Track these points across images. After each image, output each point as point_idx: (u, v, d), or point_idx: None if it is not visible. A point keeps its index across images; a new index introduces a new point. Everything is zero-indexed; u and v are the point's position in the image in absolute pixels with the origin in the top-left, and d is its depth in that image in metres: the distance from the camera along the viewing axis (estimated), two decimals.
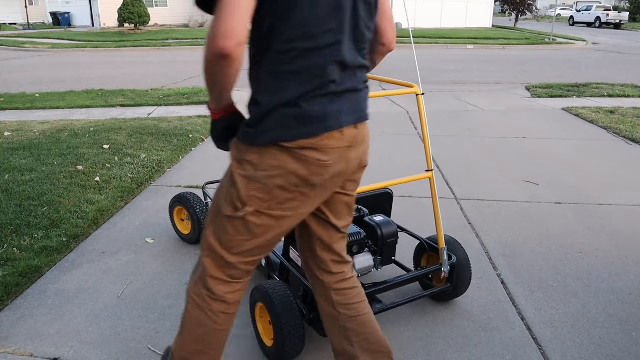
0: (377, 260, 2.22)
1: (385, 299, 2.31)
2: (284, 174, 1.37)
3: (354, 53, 1.44)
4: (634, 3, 39.93)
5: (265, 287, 2.04)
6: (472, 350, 2.18)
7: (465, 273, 2.39)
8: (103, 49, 16.81)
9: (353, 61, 1.43)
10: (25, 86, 9.15)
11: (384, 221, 2.21)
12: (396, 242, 2.22)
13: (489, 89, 8.98)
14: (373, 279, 2.41)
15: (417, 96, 2.27)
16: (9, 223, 3.28)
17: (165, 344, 2.21)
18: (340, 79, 1.40)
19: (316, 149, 1.37)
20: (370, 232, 2.19)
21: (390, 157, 4.86)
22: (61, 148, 4.93)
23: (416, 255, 2.62)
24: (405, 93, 2.30)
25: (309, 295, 2.13)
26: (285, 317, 1.94)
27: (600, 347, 2.20)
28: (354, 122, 1.45)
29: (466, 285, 2.43)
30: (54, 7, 29.99)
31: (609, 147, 5.30)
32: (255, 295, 2.13)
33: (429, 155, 2.32)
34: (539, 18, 37.10)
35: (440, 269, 2.32)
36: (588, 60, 14.26)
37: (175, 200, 3.11)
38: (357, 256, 2.16)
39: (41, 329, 2.30)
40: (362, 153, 1.52)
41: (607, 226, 3.40)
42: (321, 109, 1.37)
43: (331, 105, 1.39)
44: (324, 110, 1.37)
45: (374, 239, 2.18)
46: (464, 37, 19.86)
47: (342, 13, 1.37)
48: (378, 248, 2.19)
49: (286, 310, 1.95)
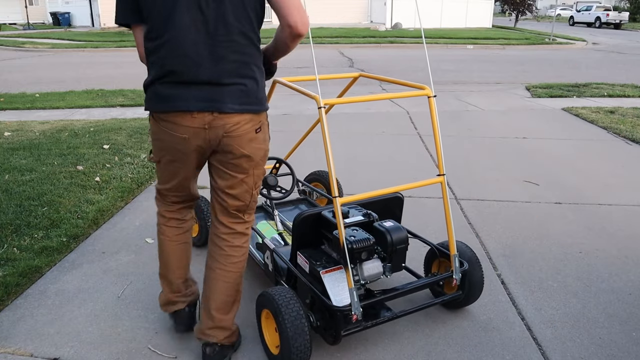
0: (387, 266, 2.16)
1: (394, 306, 2.27)
2: (158, 139, 1.92)
3: (207, 47, 1.74)
4: (634, 3, 39.93)
5: (271, 294, 1.99)
6: (472, 350, 2.18)
7: (477, 280, 2.33)
8: (103, 49, 16.81)
9: (203, 55, 1.74)
10: (25, 86, 9.15)
11: (393, 227, 2.14)
12: (406, 249, 2.16)
13: (489, 89, 8.98)
14: (382, 285, 2.35)
15: (429, 98, 2.22)
16: (9, 223, 3.28)
17: (165, 344, 2.21)
18: (184, 71, 1.76)
19: (171, 122, 1.83)
20: (379, 238, 2.12)
21: (391, 158, 4.86)
22: (61, 148, 4.93)
23: (427, 261, 2.55)
24: (417, 95, 2.23)
25: (317, 303, 2.08)
26: (292, 325, 1.89)
27: (600, 347, 2.21)
28: (205, 110, 1.79)
29: (478, 293, 2.37)
30: (54, 7, 29.99)
31: (609, 147, 5.30)
32: (261, 301, 2.09)
33: (440, 159, 2.25)
34: (539, 18, 37.09)
35: (451, 275, 2.27)
36: (588, 60, 14.26)
37: None
38: (365, 262, 2.10)
39: (41, 329, 2.30)
40: (226, 138, 1.85)
41: (607, 226, 3.40)
42: (166, 92, 1.80)
43: (176, 90, 1.79)
44: (169, 93, 1.79)
45: (384, 245, 2.12)
46: (464, 37, 19.85)
47: (182, 14, 1.70)
48: (387, 254, 2.13)
49: (293, 317, 1.90)
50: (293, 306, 1.93)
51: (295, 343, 1.89)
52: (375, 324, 2.09)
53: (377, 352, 2.17)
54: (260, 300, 2.10)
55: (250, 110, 1.84)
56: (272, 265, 2.43)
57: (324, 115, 1.97)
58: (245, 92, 1.81)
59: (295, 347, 1.89)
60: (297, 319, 1.90)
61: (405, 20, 24.89)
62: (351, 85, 2.97)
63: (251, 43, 1.80)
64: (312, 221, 2.22)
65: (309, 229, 2.23)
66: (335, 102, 2.09)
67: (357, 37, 19.17)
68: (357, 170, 4.46)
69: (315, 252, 2.24)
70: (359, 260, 2.09)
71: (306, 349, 1.92)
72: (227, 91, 1.79)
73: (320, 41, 17.86)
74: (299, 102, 7.31)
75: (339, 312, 1.96)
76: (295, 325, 1.89)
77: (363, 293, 2.16)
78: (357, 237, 2.07)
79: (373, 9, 26.59)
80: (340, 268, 2.10)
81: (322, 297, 2.02)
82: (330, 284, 2.05)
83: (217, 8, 1.71)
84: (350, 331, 2.02)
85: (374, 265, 2.12)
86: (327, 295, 2.03)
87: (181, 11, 1.70)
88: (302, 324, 1.90)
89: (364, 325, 2.05)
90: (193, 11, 1.70)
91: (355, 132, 5.83)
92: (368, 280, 2.12)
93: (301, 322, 1.91)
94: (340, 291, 2.04)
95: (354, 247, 2.02)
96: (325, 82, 6.99)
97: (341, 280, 2.07)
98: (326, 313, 2.04)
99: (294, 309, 1.92)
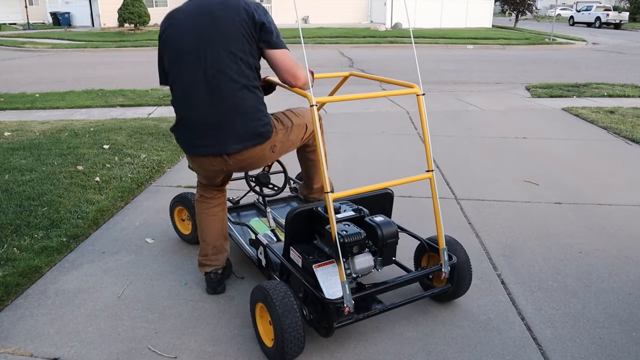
0: (378, 260, 2.21)
1: (385, 299, 2.31)
2: (192, 163, 2.41)
3: (206, 94, 2.18)
4: (634, 3, 39.91)
5: (265, 287, 2.03)
6: (472, 350, 2.18)
7: (465, 273, 2.38)
8: (103, 49, 16.81)
9: (203, 102, 2.18)
10: (25, 86, 9.15)
11: (384, 221, 2.20)
12: (396, 243, 2.22)
13: (489, 89, 8.98)
14: (373, 279, 2.40)
15: (418, 96, 2.27)
16: (9, 223, 3.28)
17: (165, 344, 2.21)
18: (190, 116, 2.24)
19: (196, 162, 2.36)
20: (370, 232, 2.18)
21: (391, 157, 4.86)
22: (61, 148, 4.93)
23: (416, 255, 2.62)
24: (406, 93, 2.29)
25: (310, 296, 2.13)
26: (286, 318, 1.93)
27: (600, 347, 2.20)
28: (215, 154, 2.26)
29: (467, 286, 2.43)
30: (54, 7, 29.99)
31: (609, 147, 5.30)
32: (255, 295, 2.13)
33: (429, 155, 2.31)
34: (539, 18, 37.10)
35: (440, 269, 2.32)
36: (588, 60, 14.26)
37: (176, 200, 3.11)
38: (357, 256, 2.15)
39: (41, 329, 2.30)
40: (246, 165, 2.37)
41: (607, 226, 3.40)
42: (184, 136, 2.32)
43: (190, 135, 2.29)
44: (186, 137, 2.31)
45: (374, 239, 2.17)
46: (464, 37, 19.85)
47: (190, 64, 2.17)
48: (378, 248, 2.19)
49: (286, 310, 1.94)
50: (287, 299, 1.97)
51: (289, 336, 1.93)
52: (367, 316, 2.14)
53: (377, 352, 2.17)
54: (255, 294, 2.14)
55: (254, 145, 2.24)
56: (266, 261, 2.48)
57: (316, 112, 2.02)
58: (244, 129, 2.20)
59: (289, 340, 1.94)
60: (291, 312, 1.94)
61: (405, 20, 24.89)
62: (342, 84, 3.01)
63: (244, 86, 2.17)
64: (305, 216, 2.27)
65: (301, 224, 2.28)
66: (326, 100, 2.13)
67: (357, 37, 19.18)
68: (356, 170, 4.46)
69: (307, 246, 2.29)
70: (350, 254, 2.13)
71: (300, 342, 1.97)
72: (227, 132, 2.20)
73: (320, 41, 17.87)
74: (294, 102, 7.31)
75: (331, 304, 2.01)
76: (289, 319, 1.93)
77: (355, 286, 2.20)
78: (349, 231, 2.11)
79: (373, 9, 26.60)
80: (333, 262, 2.14)
81: (314, 291, 2.06)
82: (322, 278, 2.09)
83: (213, 63, 2.14)
84: (343, 323, 2.06)
85: (365, 259, 2.16)
86: (319, 288, 2.06)
87: (187, 70, 2.18)
88: (295, 317, 1.95)
89: (356, 318, 2.10)
90: (195, 68, 2.16)
91: (355, 131, 5.83)
92: (360, 274, 2.16)
93: (295, 315, 1.95)
94: (332, 284, 2.08)
95: (345, 242, 2.06)
96: (322, 82, 6.98)
97: (333, 274, 2.11)
98: (319, 306, 2.09)
99: (288, 302, 1.96)
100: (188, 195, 3.03)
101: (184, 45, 2.16)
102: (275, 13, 25.94)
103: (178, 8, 2.25)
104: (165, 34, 2.23)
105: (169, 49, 2.22)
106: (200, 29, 2.14)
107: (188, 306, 2.49)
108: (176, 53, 2.19)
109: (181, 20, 2.20)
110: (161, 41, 2.26)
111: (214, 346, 2.20)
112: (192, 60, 2.15)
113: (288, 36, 21.41)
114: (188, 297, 2.57)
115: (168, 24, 2.23)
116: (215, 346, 2.20)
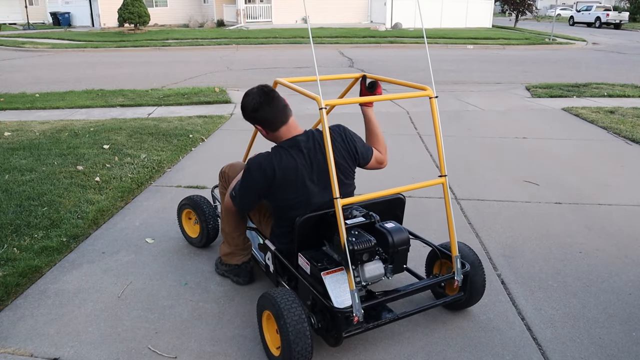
0: (388, 268, 2.14)
1: (395, 307, 2.27)
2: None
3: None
4: (634, 3, 39.89)
5: (273, 295, 1.98)
6: (472, 350, 2.18)
7: (479, 281, 2.32)
8: (103, 49, 16.81)
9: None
10: (25, 86, 9.15)
11: (395, 228, 2.12)
12: (408, 250, 2.14)
13: (489, 89, 8.98)
14: (384, 287, 2.33)
15: (431, 99, 2.20)
16: (9, 223, 3.28)
17: (165, 344, 2.21)
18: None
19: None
20: (380, 239, 2.11)
21: (390, 157, 4.84)
22: (61, 148, 4.93)
23: (428, 262, 2.55)
24: (419, 96, 2.21)
25: (318, 304, 2.07)
26: (293, 328, 1.87)
27: (600, 347, 2.20)
28: None
29: (480, 294, 2.36)
30: (54, 7, 29.99)
31: (609, 147, 5.30)
32: (262, 303, 2.08)
33: (442, 159, 2.23)
34: (539, 18, 37.10)
35: (453, 277, 2.25)
36: (588, 60, 14.26)
37: (185, 203, 3.06)
38: (367, 264, 2.09)
39: (41, 329, 2.30)
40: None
41: (607, 226, 3.40)
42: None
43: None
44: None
45: (385, 247, 2.10)
46: (464, 37, 19.84)
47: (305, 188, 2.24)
48: (389, 256, 2.11)
49: (294, 320, 1.88)
50: (295, 309, 1.91)
51: (297, 347, 1.88)
52: (376, 326, 2.09)
53: (377, 352, 2.17)
54: (262, 302, 2.09)
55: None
56: (273, 267, 2.43)
57: (325, 116, 1.95)
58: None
59: (297, 351, 1.88)
60: (299, 323, 1.89)
61: (405, 20, 24.89)
62: (352, 86, 2.94)
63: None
64: (314, 222, 2.22)
65: (310, 230, 2.22)
66: (336, 103, 2.08)
67: (357, 37, 19.17)
68: (356, 170, 4.45)
69: (316, 253, 2.24)
70: (360, 262, 2.07)
71: (307, 352, 1.91)
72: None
73: (320, 41, 17.85)
74: (298, 102, 7.30)
75: (340, 313, 1.96)
76: (296, 329, 1.88)
77: (364, 294, 2.16)
78: (359, 238, 2.05)
79: (373, 9, 26.59)
80: (342, 269, 2.09)
81: (323, 299, 2.01)
82: (331, 286, 2.04)
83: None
84: (352, 333, 2.01)
85: (375, 266, 2.11)
86: (328, 296, 2.02)
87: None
88: (303, 327, 1.89)
89: (366, 327, 2.05)
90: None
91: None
92: (369, 282, 2.11)
93: (303, 325, 1.89)
94: (341, 292, 2.03)
95: (355, 249, 2.00)
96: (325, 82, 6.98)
97: (342, 281, 2.06)
98: (327, 314, 2.03)
99: (296, 312, 1.90)
100: (197, 198, 2.99)
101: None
102: (275, 13, 25.95)
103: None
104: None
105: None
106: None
107: (188, 306, 2.49)
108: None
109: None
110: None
111: (214, 346, 2.20)
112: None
113: (288, 36, 21.40)
114: (188, 297, 2.57)
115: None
116: (215, 346, 2.20)
